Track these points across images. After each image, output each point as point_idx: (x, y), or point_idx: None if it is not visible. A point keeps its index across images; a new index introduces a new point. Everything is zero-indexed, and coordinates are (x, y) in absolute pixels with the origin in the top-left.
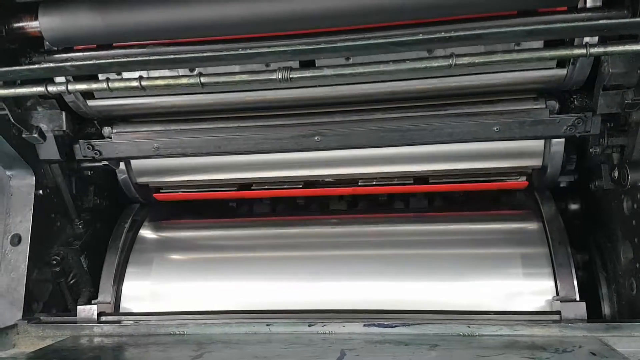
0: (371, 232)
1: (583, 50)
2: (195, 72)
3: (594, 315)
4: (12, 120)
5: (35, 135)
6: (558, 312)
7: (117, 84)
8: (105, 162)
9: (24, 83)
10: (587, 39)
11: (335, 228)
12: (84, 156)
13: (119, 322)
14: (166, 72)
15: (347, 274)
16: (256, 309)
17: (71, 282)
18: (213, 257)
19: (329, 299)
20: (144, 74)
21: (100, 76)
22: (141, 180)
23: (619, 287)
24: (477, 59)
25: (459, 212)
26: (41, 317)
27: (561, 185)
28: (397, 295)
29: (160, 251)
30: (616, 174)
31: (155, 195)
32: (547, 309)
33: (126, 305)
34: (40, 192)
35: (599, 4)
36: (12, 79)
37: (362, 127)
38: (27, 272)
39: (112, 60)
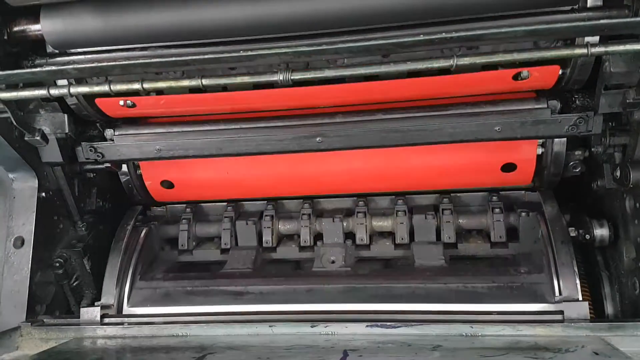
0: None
1: (584, 50)
2: (196, 74)
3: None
4: (15, 123)
5: (38, 138)
6: (561, 312)
7: (119, 86)
8: (108, 164)
9: (26, 86)
10: (588, 39)
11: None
12: (87, 158)
13: (121, 324)
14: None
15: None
16: (258, 310)
17: (74, 284)
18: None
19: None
20: (145, 75)
21: (102, 78)
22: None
23: (622, 286)
24: (478, 59)
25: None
26: (44, 320)
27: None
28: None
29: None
30: (618, 174)
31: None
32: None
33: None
34: (43, 194)
35: (599, 3)
36: (14, 82)
37: (364, 128)
38: (30, 275)
39: (114, 63)
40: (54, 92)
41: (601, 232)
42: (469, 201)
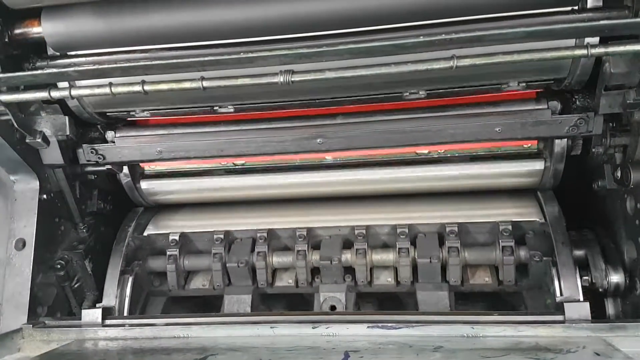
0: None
1: (584, 51)
2: (197, 76)
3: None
4: (16, 126)
5: (39, 140)
6: (562, 313)
7: (119, 89)
8: (109, 166)
9: (27, 88)
10: (588, 40)
11: None
12: (88, 160)
13: (123, 325)
14: (169, 76)
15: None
16: (260, 311)
17: (75, 286)
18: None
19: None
20: (146, 77)
21: (103, 80)
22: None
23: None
24: (478, 60)
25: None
26: (46, 321)
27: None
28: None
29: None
30: (619, 174)
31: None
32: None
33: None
34: (44, 196)
35: (599, 4)
36: (15, 84)
37: (365, 129)
38: (31, 277)
39: (114, 65)
40: (54, 94)
41: (616, 280)
42: (477, 231)
